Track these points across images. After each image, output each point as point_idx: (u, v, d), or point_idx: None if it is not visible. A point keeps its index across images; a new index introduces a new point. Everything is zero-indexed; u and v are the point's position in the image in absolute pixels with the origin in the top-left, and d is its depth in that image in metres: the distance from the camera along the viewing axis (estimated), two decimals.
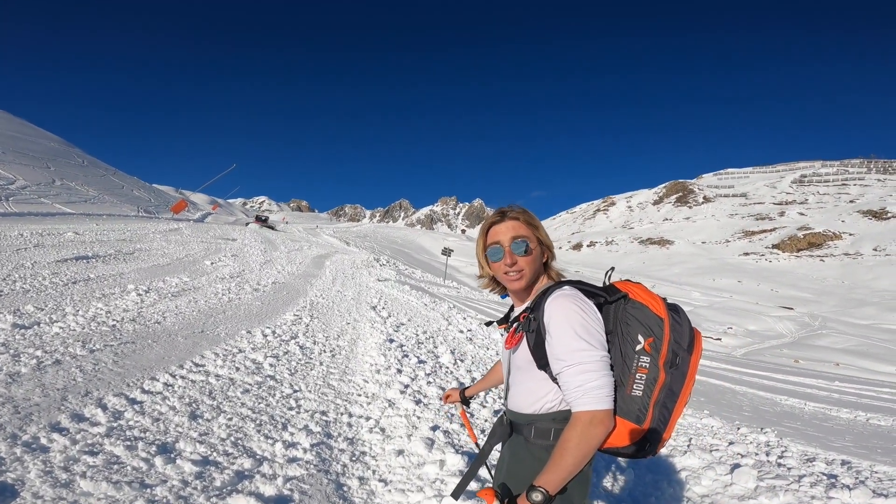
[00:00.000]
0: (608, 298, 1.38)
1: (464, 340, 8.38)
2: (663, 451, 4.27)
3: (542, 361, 1.38)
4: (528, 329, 1.42)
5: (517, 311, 1.57)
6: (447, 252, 31.33)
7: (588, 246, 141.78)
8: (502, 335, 1.67)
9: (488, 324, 1.93)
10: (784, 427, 6.12)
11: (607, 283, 1.46)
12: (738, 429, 5.32)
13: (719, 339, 35.99)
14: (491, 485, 1.51)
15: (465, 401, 2.12)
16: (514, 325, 1.53)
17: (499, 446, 1.63)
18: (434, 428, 3.81)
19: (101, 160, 40.11)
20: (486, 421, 4.43)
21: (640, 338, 1.31)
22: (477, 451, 1.74)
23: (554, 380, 1.37)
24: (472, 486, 2.93)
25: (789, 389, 11.05)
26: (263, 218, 45.83)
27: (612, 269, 1.66)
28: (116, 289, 6.89)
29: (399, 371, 5.28)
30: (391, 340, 6.76)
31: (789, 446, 4.67)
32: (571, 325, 1.31)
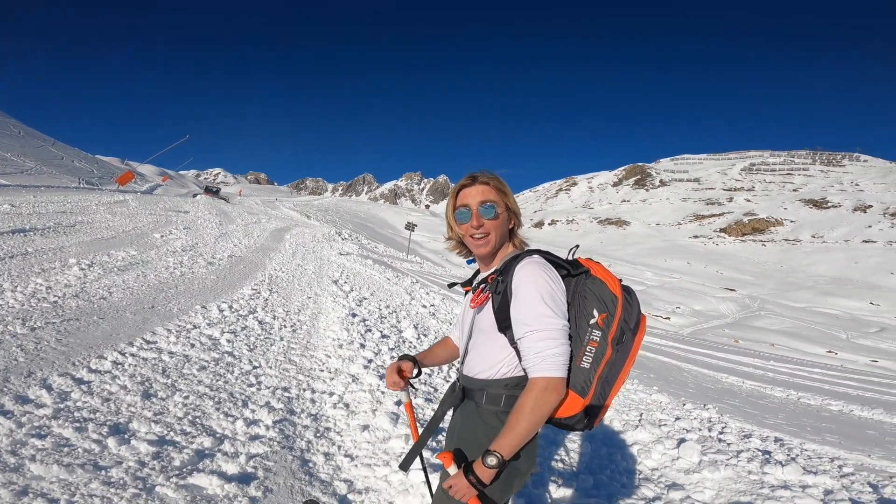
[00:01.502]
0: (571, 271, 1.42)
1: (427, 315, 8.43)
2: (617, 426, 4.49)
3: (503, 324, 1.40)
4: (495, 291, 1.44)
5: (483, 274, 1.59)
6: (410, 227, 31.15)
7: (549, 224, 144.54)
8: (460, 308, 1.65)
9: (451, 285, 1.91)
10: (724, 404, 6.54)
11: (572, 259, 1.50)
12: (684, 405, 5.65)
13: (668, 318, 37.88)
14: (447, 449, 1.51)
15: (418, 369, 1.80)
16: (482, 285, 1.54)
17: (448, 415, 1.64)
18: (398, 403, 3.84)
19: (39, 131, 37.23)
20: (436, 390, 4.50)
21: (595, 312, 1.36)
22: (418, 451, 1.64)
23: (512, 344, 1.40)
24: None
25: (729, 368, 11.80)
26: (215, 189, 43.49)
27: (577, 246, 1.71)
28: (57, 263, 6.45)
29: (362, 346, 5.25)
30: (354, 315, 6.70)
31: (729, 423, 5.00)
32: (539, 291, 1.33)
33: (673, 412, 5.18)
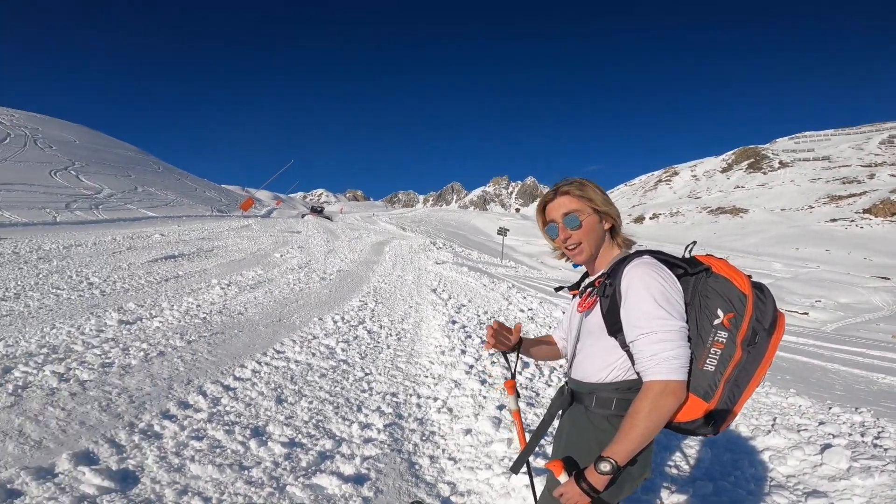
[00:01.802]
0: (689, 270, 1.36)
1: (525, 319, 8.38)
2: (744, 431, 4.10)
3: (614, 328, 1.37)
4: (604, 294, 1.41)
5: (591, 277, 1.57)
6: (503, 232, 31.11)
7: (651, 218, 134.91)
8: (565, 310, 1.65)
9: (558, 289, 1.88)
10: (881, 407, 5.64)
11: (689, 257, 1.44)
12: (830, 408, 4.98)
13: (806, 314, 33.32)
14: (555, 456, 1.51)
15: (517, 347, 1.77)
16: (589, 289, 1.52)
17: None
18: (500, 407, 3.88)
19: (173, 165, 43.29)
20: (537, 394, 4.46)
21: (720, 312, 1.29)
22: (522, 462, 1.64)
23: (624, 347, 1.37)
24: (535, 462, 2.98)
25: (887, 367, 10.09)
26: (319, 209, 47.02)
27: (694, 242, 1.62)
28: (202, 284, 7.53)
29: (463, 352, 5.39)
30: (453, 322, 6.89)
31: (886, 427, 4.32)
32: (651, 292, 1.30)
33: (816, 416, 4.61)
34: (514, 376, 1.83)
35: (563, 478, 1.36)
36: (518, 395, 1.84)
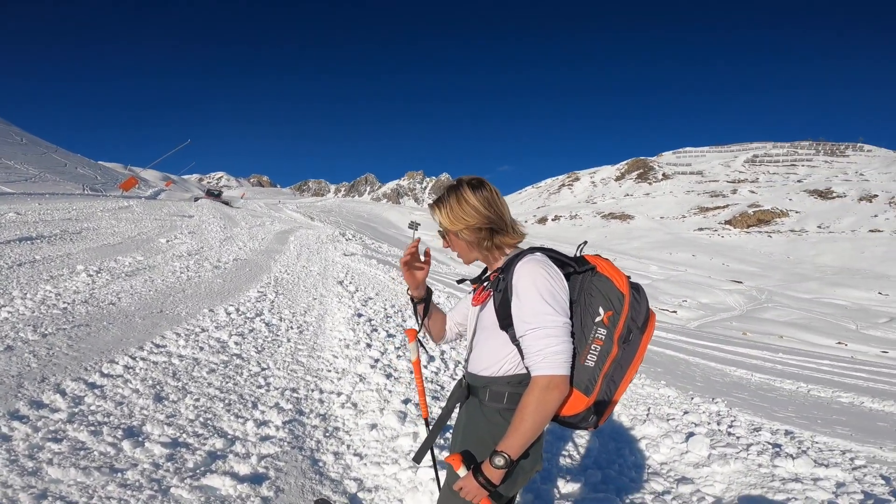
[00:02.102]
0: (577, 269, 1.41)
1: None
2: (625, 420, 4.49)
3: (505, 322, 1.40)
4: (497, 288, 1.44)
5: (489, 272, 1.60)
6: (414, 226, 31.24)
7: (553, 220, 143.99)
8: (471, 293, 1.68)
9: (460, 281, 1.93)
10: (733, 397, 6.52)
11: (578, 255, 1.50)
12: (692, 399, 5.63)
13: (675, 312, 37.74)
14: (453, 450, 1.53)
15: (427, 299, 1.75)
16: (485, 283, 1.56)
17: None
18: (406, 401, 3.86)
19: (42, 138, 37.52)
20: (442, 388, 4.53)
21: (601, 310, 1.34)
22: (427, 423, 1.76)
23: (514, 342, 1.39)
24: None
25: (738, 361, 11.75)
26: (216, 192, 42.83)
27: (585, 242, 1.69)
28: (65, 270, 6.51)
29: (368, 345, 5.28)
30: (359, 315, 6.73)
31: (738, 416, 4.97)
32: (538, 289, 1.33)
33: (681, 406, 5.17)
34: (421, 326, 1.79)
35: (461, 472, 1.37)
36: (420, 345, 1.81)
